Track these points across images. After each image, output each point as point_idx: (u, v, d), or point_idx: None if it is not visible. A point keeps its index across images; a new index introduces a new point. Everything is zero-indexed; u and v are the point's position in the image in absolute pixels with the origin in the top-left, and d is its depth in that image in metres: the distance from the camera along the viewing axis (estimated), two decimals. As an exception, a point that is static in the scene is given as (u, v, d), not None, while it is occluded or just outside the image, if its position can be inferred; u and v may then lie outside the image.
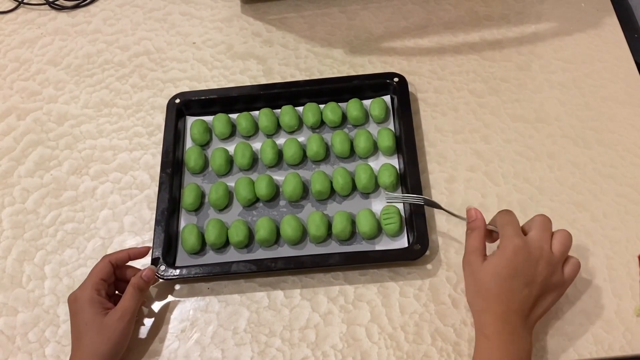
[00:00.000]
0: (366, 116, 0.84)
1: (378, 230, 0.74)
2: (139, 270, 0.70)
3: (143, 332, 0.72)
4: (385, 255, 0.72)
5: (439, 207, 0.71)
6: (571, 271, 0.62)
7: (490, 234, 0.65)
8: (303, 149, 0.81)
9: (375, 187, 0.77)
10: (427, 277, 0.72)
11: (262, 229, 0.73)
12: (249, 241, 0.75)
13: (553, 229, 0.63)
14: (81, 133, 0.88)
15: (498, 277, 0.60)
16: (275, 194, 0.79)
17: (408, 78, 0.84)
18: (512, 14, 0.93)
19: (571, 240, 0.63)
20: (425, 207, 0.73)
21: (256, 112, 0.85)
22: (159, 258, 0.73)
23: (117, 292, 0.72)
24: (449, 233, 0.75)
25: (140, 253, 0.72)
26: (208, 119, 0.86)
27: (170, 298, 0.74)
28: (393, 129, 0.82)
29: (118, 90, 0.92)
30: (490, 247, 0.65)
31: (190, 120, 0.86)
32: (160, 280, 0.73)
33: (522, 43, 0.90)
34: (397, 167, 0.78)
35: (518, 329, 0.59)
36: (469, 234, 0.65)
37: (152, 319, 0.73)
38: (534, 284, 0.60)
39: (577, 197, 0.76)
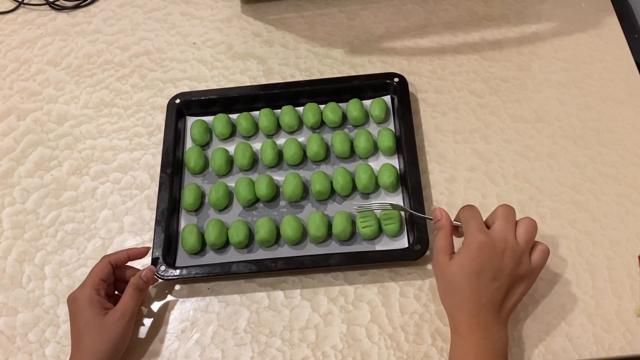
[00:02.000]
0: (366, 116, 0.84)
1: (378, 231, 0.74)
2: (139, 270, 0.70)
3: (143, 332, 0.72)
4: (385, 256, 0.72)
5: (406, 210, 0.71)
6: (539, 258, 0.62)
7: (457, 230, 0.65)
8: (303, 149, 0.81)
9: (375, 187, 0.77)
10: (427, 277, 0.72)
11: (262, 229, 0.73)
12: (249, 241, 0.75)
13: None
14: (81, 133, 0.88)
15: (465, 274, 0.60)
16: (275, 194, 0.79)
17: (408, 78, 0.84)
18: (512, 14, 0.93)
19: (536, 226, 0.62)
20: (426, 207, 0.73)
21: (256, 112, 0.85)
22: (159, 258, 0.73)
23: (116, 292, 0.72)
24: (449, 233, 0.75)
25: (139, 253, 0.72)
26: (208, 119, 0.86)
27: (170, 298, 0.74)
28: (393, 129, 0.82)
29: (118, 90, 0.92)
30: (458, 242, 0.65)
31: (191, 120, 0.86)
32: (160, 280, 0.73)
33: (522, 43, 0.90)
34: (397, 167, 0.78)
35: (491, 323, 0.59)
36: (435, 234, 0.65)
37: (152, 319, 0.73)
38: (502, 277, 0.60)
39: (577, 197, 0.76)
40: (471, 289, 0.59)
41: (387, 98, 0.85)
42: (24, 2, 1.03)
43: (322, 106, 0.84)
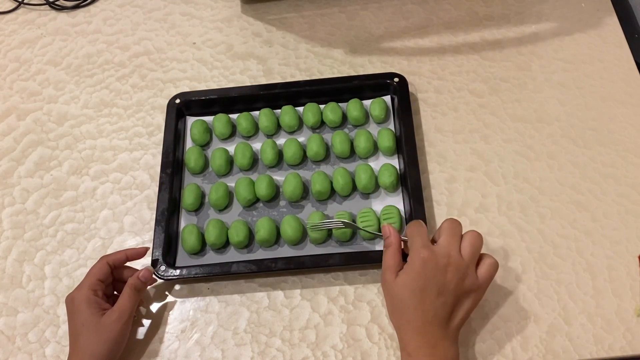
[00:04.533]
0: (366, 116, 0.84)
1: (378, 231, 0.74)
2: (137, 270, 0.70)
3: (143, 332, 0.72)
4: (385, 256, 0.72)
5: (357, 227, 0.71)
6: (486, 272, 0.62)
7: (407, 245, 0.65)
8: (303, 149, 0.81)
9: (375, 187, 0.77)
10: (427, 277, 0.72)
11: (262, 229, 0.73)
12: (249, 241, 0.75)
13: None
14: (81, 133, 0.88)
15: (410, 290, 0.60)
16: (275, 194, 0.79)
17: (408, 78, 0.84)
18: (512, 14, 0.93)
19: (481, 240, 0.62)
20: (426, 207, 0.73)
21: (256, 112, 0.85)
22: (158, 258, 0.73)
23: (115, 292, 0.71)
24: (449, 233, 0.74)
25: (138, 254, 0.72)
26: (208, 119, 0.86)
27: (170, 298, 0.74)
28: (393, 129, 0.82)
29: (118, 90, 0.92)
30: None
31: (190, 120, 0.86)
32: (160, 280, 0.73)
33: (522, 43, 0.90)
34: (397, 167, 0.78)
35: (439, 340, 0.59)
36: (384, 252, 0.65)
37: (152, 320, 0.73)
38: (446, 292, 0.60)
39: (577, 197, 0.76)
40: (416, 306, 0.59)
41: (387, 98, 0.85)
42: (24, 2, 1.03)
43: (322, 106, 0.84)
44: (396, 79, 0.84)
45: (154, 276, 0.72)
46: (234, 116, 0.85)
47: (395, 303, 0.61)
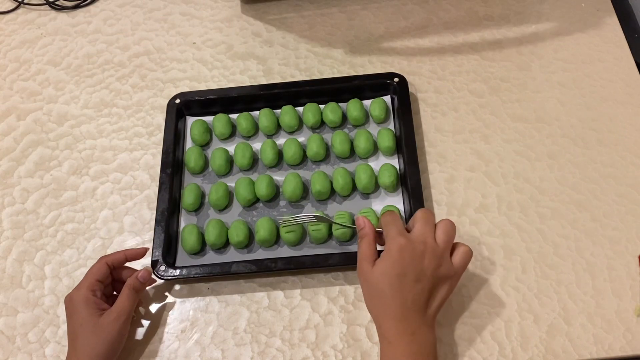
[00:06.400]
0: (366, 116, 0.84)
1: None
2: (136, 271, 0.70)
3: (143, 332, 0.72)
4: (385, 256, 0.72)
5: (330, 221, 0.71)
6: (461, 259, 0.62)
7: (381, 237, 0.65)
8: (303, 149, 0.81)
9: (375, 187, 0.77)
10: (427, 277, 0.72)
11: (262, 229, 0.73)
12: (249, 241, 0.75)
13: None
14: (81, 133, 0.88)
15: (388, 278, 0.60)
16: (275, 194, 0.79)
17: (408, 78, 0.84)
18: (512, 14, 0.93)
19: (454, 227, 0.63)
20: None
21: (256, 112, 0.85)
22: (158, 259, 0.73)
23: (115, 292, 0.71)
24: (449, 233, 0.74)
25: (137, 254, 0.72)
26: (208, 119, 0.86)
27: (170, 298, 0.74)
28: (393, 129, 0.82)
29: (118, 90, 0.92)
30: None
31: (190, 120, 0.86)
32: (160, 280, 0.73)
33: (522, 43, 0.90)
34: (397, 167, 0.78)
35: (418, 326, 0.60)
36: (359, 243, 0.65)
37: (152, 320, 0.73)
38: (424, 278, 0.60)
39: (577, 197, 0.76)
40: (395, 293, 0.60)
41: (387, 98, 0.85)
42: (24, 2, 1.03)
43: (322, 106, 0.84)
44: (396, 79, 0.84)
45: (153, 276, 0.72)
46: (234, 116, 0.85)
47: (374, 292, 0.61)
